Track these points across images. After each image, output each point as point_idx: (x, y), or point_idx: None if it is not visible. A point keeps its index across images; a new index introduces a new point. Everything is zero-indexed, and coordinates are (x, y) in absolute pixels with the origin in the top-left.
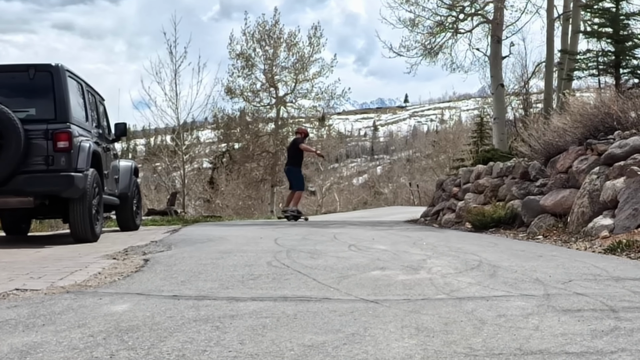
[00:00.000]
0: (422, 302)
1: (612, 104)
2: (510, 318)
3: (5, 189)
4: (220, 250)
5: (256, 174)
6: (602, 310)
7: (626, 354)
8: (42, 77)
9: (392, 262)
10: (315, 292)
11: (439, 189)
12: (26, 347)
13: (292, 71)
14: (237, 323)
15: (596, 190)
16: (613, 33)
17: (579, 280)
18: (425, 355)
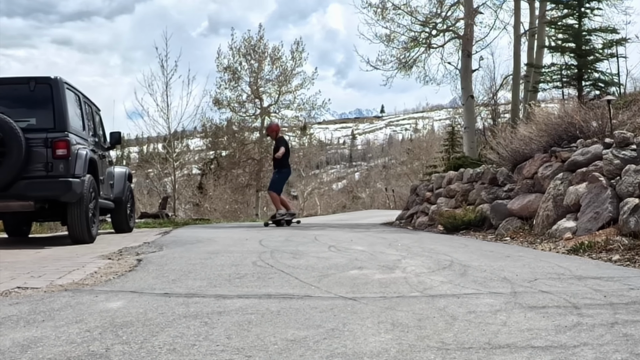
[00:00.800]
0: (397, 300)
1: (575, 114)
2: (479, 314)
3: (7, 193)
4: (209, 251)
5: (242, 179)
6: (566, 307)
7: (588, 347)
8: (42, 89)
9: (369, 262)
10: (297, 290)
11: (413, 194)
12: (27, 342)
13: (276, 83)
14: (224, 319)
15: (560, 194)
16: (576, 48)
17: (544, 279)
18: (401, 349)
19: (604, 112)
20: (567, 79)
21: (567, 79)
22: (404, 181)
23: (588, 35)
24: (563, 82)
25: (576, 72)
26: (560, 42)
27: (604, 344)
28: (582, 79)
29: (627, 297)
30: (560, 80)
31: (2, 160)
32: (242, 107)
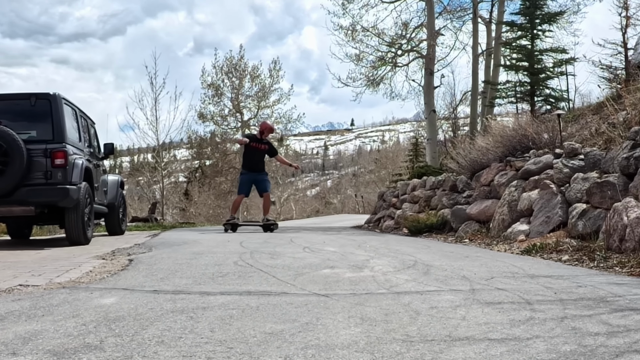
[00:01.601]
0: (366, 296)
1: (528, 127)
2: (441, 309)
3: (10, 199)
4: (194, 252)
5: (224, 186)
6: (520, 303)
7: (540, 340)
8: (41, 104)
9: (340, 261)
10: (274, 287)
11: (380, 200)
12: (28, 334)
13: (255, 99)
14: (208, 314)
15: (514, 200)
16: (529, 67)
17: (500, 277)
18: (369, 342)
19: (555, 125)
20: (520, 95)
21: (521, 95)
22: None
23: (540, 55)
24: (517, 97)
25: (529, 89)
26: (514, 61)
27: (555, 336)
28: (535, 94)
29: (575, 294)
30: (514, 96)
31: (5, 169)
32: (224, 120)
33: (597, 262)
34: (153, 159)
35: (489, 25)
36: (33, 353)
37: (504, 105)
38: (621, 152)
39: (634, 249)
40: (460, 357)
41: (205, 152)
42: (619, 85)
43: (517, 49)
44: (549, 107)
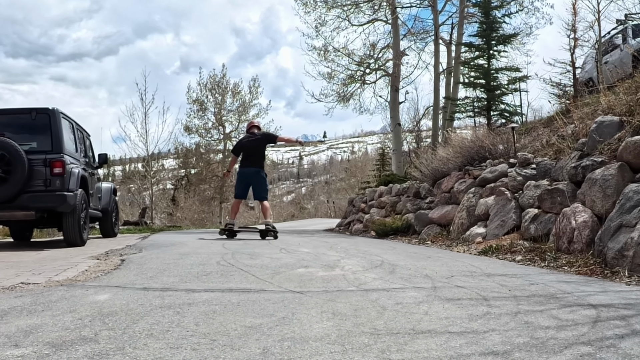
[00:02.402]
0: (337, 293)
1: (485, 139)
2: (405, 305)
3: (12, 205)
4: (180, 253)
5: (208, 193)
6: (477, 299)
7: (495, 333)
8: (41, 118)
9: (313, 261)
10: (254, 285)
11: (350, 205)
12: (29, 328)
13: (236, 113)
14: (193, 309)
15: (472, 206)
16: (485, 84)
17: (459, 275)
18: (340, 334)
19: (509, 137)
20: (478, 110)
21: (478, 110)
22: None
23: (495, 73)
24: (475, 112)
25: (486, 104)
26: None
27: (509, 329)
28: (491, 109)
29: (528, 291)
30: (472, 111)
31: (8, 177)
32: (208, 133)
33: (547, 262)
34: (143, 168)
35: (449, 46)
36: (34, 345)
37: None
38: (570, 162)
39: (581, 250)
40: (423, 348)
41: (191, 162)
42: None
43: (475, 68)
44: (503, 121)
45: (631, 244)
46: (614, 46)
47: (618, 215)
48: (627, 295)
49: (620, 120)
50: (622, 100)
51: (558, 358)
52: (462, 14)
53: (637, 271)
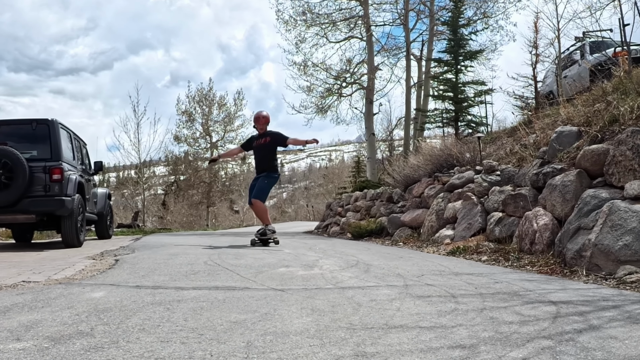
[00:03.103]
0: (316, 291)
1: (453, 147)
2: (379, 302)
3: (15, 209)
4: (170, 253)
5: (195, 198)
6: (446, 296)
7: (463, 327)
8: (41, 128)
9: (294, 261)
10: (238, 283)
11: (328, 209)
12: (30, 323)
13: (222, 124)
14: (182, 305)
15: (441, 210)
16: (453, 96)
17: (429, 274)
18: (318, 329)
19: (475, 146)
20: (446, 120)
21: (447, 120)
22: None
23: (463, 86)
24: (443, 122)
25: (453, 115)
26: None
27: (475, 324)
28: (458, 120)
29: (493, 289)
30: (441, 121)
31: (10, 184)
32: (196, 142)
33: (511, 262)
34: (135, 174)
35: (419, 61)
36: (34, 338)
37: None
38: (531, 169)
39: (542, 251)
40: (395, 342)
41: (180, 169)
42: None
43: (444, 82)
44: (470, 131)
45: (588, 245)
46: (573, 61)
47: (576, 218)
48: (585, 293)
49: (579, 130)
50: (580, 111)
51: (521, 351)
52: (432, 31)
53: (594, 270)
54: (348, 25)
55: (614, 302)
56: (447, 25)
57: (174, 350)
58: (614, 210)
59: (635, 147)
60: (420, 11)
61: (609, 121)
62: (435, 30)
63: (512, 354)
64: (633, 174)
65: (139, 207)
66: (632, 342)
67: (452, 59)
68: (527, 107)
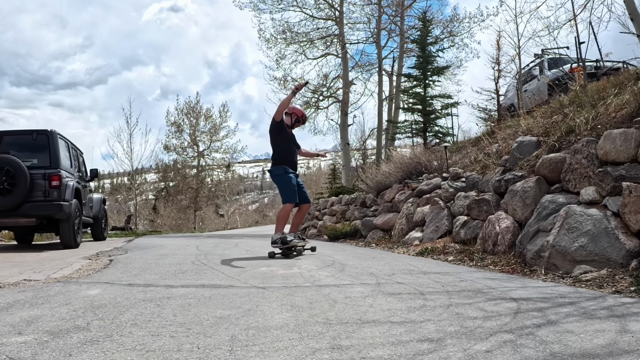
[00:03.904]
0: (295, 288)
1: (421, 156)
2: (353, 299)
3: (17, 213)
4: (160, 254)
5: (184, 203)
6: (415, 294)
7: (431, 322)
8: (41, 138)
9: (274, 261)
10: (223, 281)
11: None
12: (31, 318)
13: (208, 134)
14: (172, 302)
15: (411, 213)
16: (422, 109)
17: (400, 273)
18: (297, 324)
19: (442, 155)
20: (415, 131)
21: (416, 131)
22: None
23: (431, 100)
24: (413, 133)
25: (422, 126)
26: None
27: (442, 320)
28: (427, 131)
29: (458, 287)
30: (411, 132)
31: (13, 189)
32: (184, 151)
33: (475, 262)
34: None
35: (391, 76)
36: (35, 333)
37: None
38: (494, 176)
39: (504, 252)
40: (368, 336)
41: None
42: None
43: (413, 95)
44: (437, 141)
45: (547, 246)
46: (532, 76)
47: (536, 221)
48: (544, 290)
49: (538, 140)
50: (539, 123)
51: (484, 344)
52: (402, 49)
53: (552, 269)
54: (325, 43)
55: (570, 299)
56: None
57: (163, 344)
58: (571, 214)
59: (590, 155)
60: (391, 30)
61: (565, 132)
62: (405, 47)
63: (476, 347)
64: (588, 181)
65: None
66: (587, 336)
67: (421, 74)
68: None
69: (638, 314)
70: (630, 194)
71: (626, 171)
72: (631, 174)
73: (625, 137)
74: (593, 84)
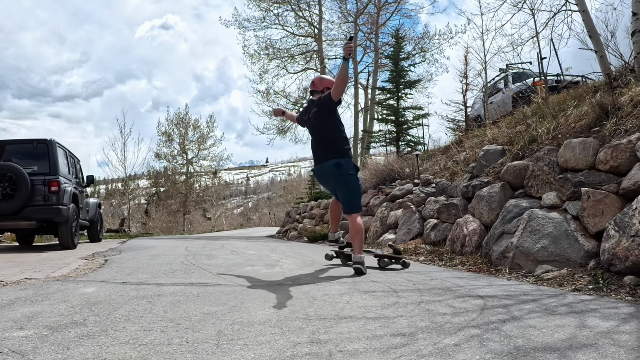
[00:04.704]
0: (277, 286)
1: (395, 163)
2: (331, 296)
3: (18, 216)
4: (152, 254)
5: (174, 207)
6: (388, 291)
7: (403, 318)
8: (41, 147)
9: (258, 261)
10: (210, 280)
11: (287, 216)
12: (32, 314)
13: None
14: (162, 299)
15: (385, 217)
16: (395, 120)
17: (374, 273)
18: (279, 319)
19: (414, 162)
20: (389, 140)
21: (389, 140)
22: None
23: (403, 111)
24: (386, 142)
25: (395, 136)
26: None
27: (414, 315)
28: (399, 140)
29: (429, 285)
30: (384, 141)
31: (15, 194)
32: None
33: (445, 262)
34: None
35: (366, 89)
36: (35, 328)
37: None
38: (462, 182)
39: (471, 252)
40: (345, 330)
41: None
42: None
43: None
44: (410, 149)
45: (511, 247)
46: (498, 90)
47: (501, 224)
48: (508, 288)
49: (503, 148)
50: (504, 132)
51: (453, 338)
52: (377, 64)
53: (516, 269)
54: (305, 59)
55: (533, 297)
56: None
57: (155, 338)
58: (533, 217)
59: (551, 163)
60: (366, 46)
61: (528, 141)
62: (379, 62)
63: (445, 341)
64: (549, 186)
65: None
66: (549, 331)
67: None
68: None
69: (596, 311)
70: (588, 199)
71: (585, 177)
72: (589, 180)
73: (584, 145)
74: (554, 97)
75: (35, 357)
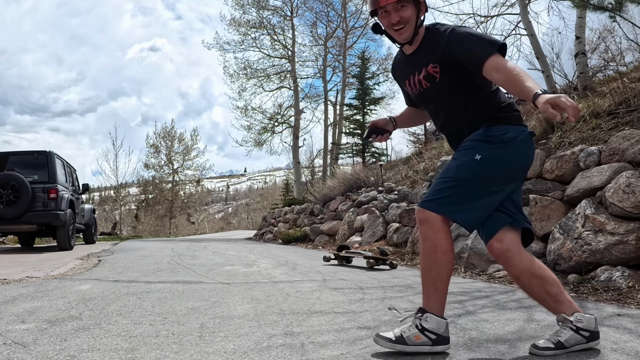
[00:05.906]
0: (254, 284)
1: (361, 173)
2: (303, 293)
3: (20, 220)
4: (141, 255)
5: (161, 212)
6: (355, 289)
7: (368, 312)
8: (41, 158)
9: (237, 261)
10: (194, 278)
11: (264, 220)
12: (32, 309)
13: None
14: (151, 295)
15: (352, 221)
16: (361, 133)
17: (342, 272)
18: (256, 314)
19: (378, 172)
20: (355, 152)
21: (356, 152)
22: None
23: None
24: (353, 153)
25: (361, 148)
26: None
27: (378, 310)
28: (365, 152)
29: (392, 283)
30: (351, 153)
31: (17, 201)
32: (161, 168)
33: (406, 262)
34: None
35: (335, 106)
36: (35, 321)
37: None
38: (422, 189)
39: None
40: (316, 324)
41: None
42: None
43: (354, 122)
44: (374, 160)
45: (466, 248)
46: None
47: (457, 227)
48: (463, 286)
49: None
50: None
51: None
52: (344, 82)
53: (470, 268)
54: (279, 78)
55: (485, 293)
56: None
57: (144, 330)
58: None
59: None
60: (335, 67)
61: None
62: (347, 81)
63: None
64: None
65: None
66: (500, 324)
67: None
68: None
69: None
70: (536, 205)
71: (533, 185)
72: (537, 187)
73: None
74: None
75: (35, 347)
